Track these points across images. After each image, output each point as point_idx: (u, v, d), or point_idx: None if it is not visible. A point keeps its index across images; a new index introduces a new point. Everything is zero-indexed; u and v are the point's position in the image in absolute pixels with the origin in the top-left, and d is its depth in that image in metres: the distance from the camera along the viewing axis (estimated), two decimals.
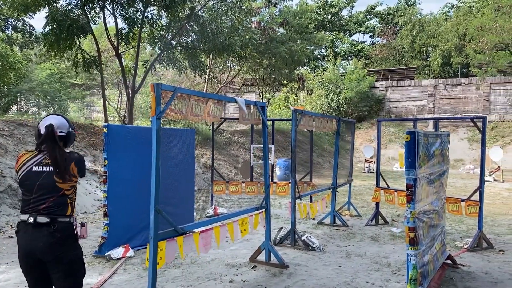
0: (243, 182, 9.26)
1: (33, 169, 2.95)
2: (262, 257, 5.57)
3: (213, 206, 8.98)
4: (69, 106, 25.46)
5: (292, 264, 5.55)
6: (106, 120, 13.25)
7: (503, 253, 6.28)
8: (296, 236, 6.37)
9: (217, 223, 4.82)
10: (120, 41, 12.93)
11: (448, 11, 37.82)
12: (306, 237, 6.39)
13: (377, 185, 8.30)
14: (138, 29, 12.74)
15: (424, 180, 4.30)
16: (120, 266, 5.47)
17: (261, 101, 22.51)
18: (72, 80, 24.40)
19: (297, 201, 6.46)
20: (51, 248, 2.85)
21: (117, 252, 5.83)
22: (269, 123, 13.60)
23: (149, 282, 3.68)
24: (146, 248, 4.84)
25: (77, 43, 12.40)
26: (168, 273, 5.23)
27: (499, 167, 17.15)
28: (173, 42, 13.21)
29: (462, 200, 6.78)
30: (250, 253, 5.83)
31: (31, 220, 2.85)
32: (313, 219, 8.55)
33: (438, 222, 5.10)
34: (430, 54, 33.26)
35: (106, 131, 5.96)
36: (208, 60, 17.62)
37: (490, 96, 24.90)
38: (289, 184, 8.22)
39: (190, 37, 13.14)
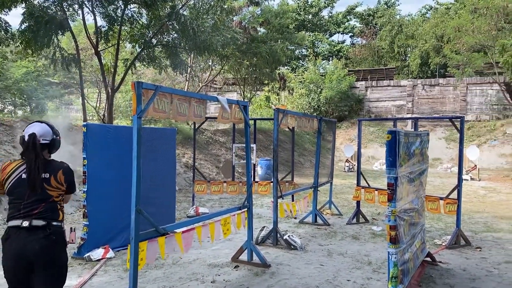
0: (225, 182, 9.23)
1: (23, 177, 2.97)
2: (244, 256, 5.56)
3: (195, 206, 8.92)
4: (46, 105, 24.91)
5: (274, 263, 5.56)
6: (85, 119, 13.02)
7: (480, 250, 6.41)
8: (278, 235, 6.38)
9: (199, 223, 4.79)
10: (99, 39, 12.72)
11: (426, 13, 38.48)
12: (288, 236, 6.41)
13: (358, 184, 8.38)
14: (118, 27, 12.56)
15: (405, 179, 4.36)
16: (100, 267, 5.38)
17: (242, 100, 22.53)
18: (50, 79, 23.87)
19: (279, 200, 6.47)
20: (46, 250, 2.90)
21: (97, 253, 5.74)
22: (251, 122, 13.61)
23: (130, 283, 3.63)
24: (126, 249, 4.79)
25: (55, 40, 12.13)
26: (149, 274, 5.17)
27: (475, 166, 17.54)
28: (154, 41, 13.06)
29: (441, 198, 6.90)
30: (232, 252, 5.81)
31: (25, 224, 2.87)
32: (295, 218, 8.58)
33: (418, 220, 5.18)
34: (409, 55, 33.79)
35: (85, 130, 5.85)
36: (189, 59, 17.50)
37: (467, 96, 25.45)
38: (271, 184, 8.25)
39: (171, 35, 13.02)
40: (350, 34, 43.28)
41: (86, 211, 5.82)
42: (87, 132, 5.83)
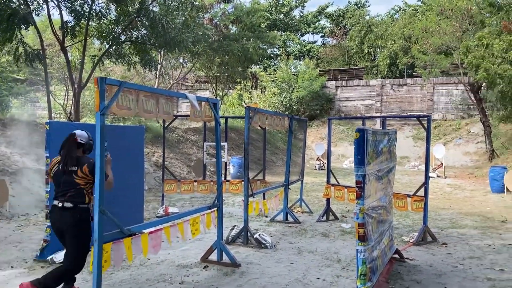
0: (195, 181, 9.12)
1: (59, 168, 4.14)
2: (214, 256, 5.49)
3: (164, 206, 8.77)
4: (11, 102, 24.04)
5: (244, 262, 5.51)
6: (50, 117, 12.60)
7: (446, 246, 6.57)
8: (249, 234, 6.34)
9: (167, 223, 4.68)
10: (65, 34, 12.32)
11: (395, 14, 39.25)
12: (259, 235, 6.38)
13: (328, 181, 8.45)
14: (85, 22, 12.21)
15: (373, 176, 4.39)
16: None
17: (213, 98, 22.33)
18: (15, 75, 23.06)
19: (250, 199, 6.44)
20: (72, 224, 4.02)
21: (61, 255, 5.51)
22: (222, 120, 13.50)
23: (94, 286, 3.51)
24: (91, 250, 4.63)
25: (19, 35, 11.68)
26: (116, 276, 5.03)
27: (441, 163, 18.03)
28: (122, 37, 12.75)
29: (408, 195, 7.03)
30: (202, 253, 5.73)
31: (60, 204, 4.04)
32: (266, 216, 8.57)
33: (386, 217, 5.25)
34: (378, 55, 34.40)
35: (48, 128, 5.64)
36: (159, 56, 17.22)
37: (433, 96, 26.14)
38: (242, 182, 8.19)
39: (140, 32, 12.74)
40: (321, 34, 43.71)
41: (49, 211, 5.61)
42: (50, 130, 5.62)
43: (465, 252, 6.25)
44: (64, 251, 5.56)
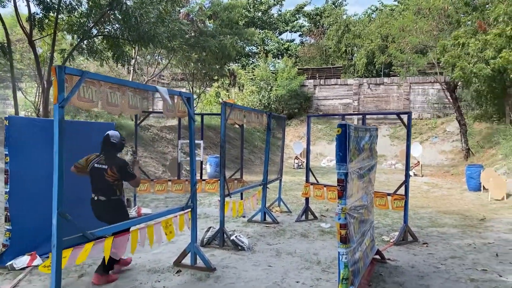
0: (170, 180, 8.76)
1: (95, 166, 4.67)
2: (187, 260, 5.19)
3: (136, 206, 8.39)
4: None
5: (220, 266, 5.22)
6: (16, 114, 11.99)
7: (427, 246, 6.43)
8: (225, 236, 6.05)
9: (136, 227, 4.35)
10: (32, 27, 11.73)
11: (372, 13, 39.54)
12: (236, 236, 6.10)
13: (307, 180, 8.23)
14: (54, 15, 11.65)
15: (355, 174, 4.17)
16: (24, 277, 4.80)
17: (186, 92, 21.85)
18: None
19: (227, 199, 6.14)
20: (107, 213, 4.60)
21: (21, 261, 5.14)
22: (198, 118, 13.15)
23: None
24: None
25: None
26: (82, 281, 4.67)
27: (418, 162, 18.13)
28: (94, 31, 12.24)
29: (389, 194, 6.87)
30: (175, 256, 5.42)
31: (96, 198, 4.63)
32: (244, 216, 8.29)
33: (368, 217, 5.05)
34: (355, 54, 34.55)
35: (7, 124, 5.22)
36: (133, 51, 16.70)
37: (410, 95, 26.36)
38: (219, 181, 7.89)
39: (113, 26, 12.25)
40: (299, 33, 43.69)
41: (8, 214, 5.19)
42: (10, 126, 5.20)
43: (447, 251, 6.12)
44: (25, 257, 5.21)
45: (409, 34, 19.75)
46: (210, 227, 6.39)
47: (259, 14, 41.52)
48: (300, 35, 43.99)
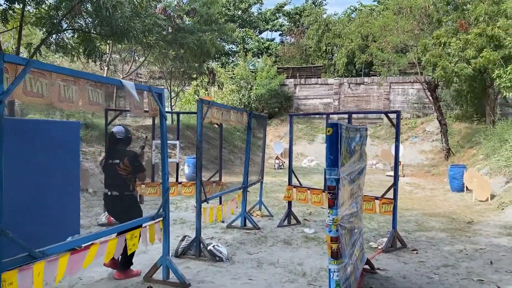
0: (143, 183, 8.17)
1: (108, 162, 4.79)
2: (159, 275, 4.67)
3: (106, 213, 7.78)
4: None
5: (195, 281, 4.72)
6: None
7: (416, 253, 6.07)
8: (202, 245, 5.55)
9: (94, 240, 3.80)
10: None
11: (351, 13, 39.51)
12: (213, 246, 5.60)
13: (289, 183, 7.79)
14: (20, 6, 10.90)
15: (346, 180, 3.74)
16: None
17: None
18: None
19: (204, 204, 5.64)
20: (121, 209, 4.72)
21: None
22: (174, 116, 12.50)
23: None
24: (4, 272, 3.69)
25: None
26: None
27: (400, 162, 17.93)
28: (64, 24, 11.52)
29: (376, 198, 6.49)
30: (147, 269, 4.89)
31: (109, 193, 4.73)
32: (223, 222, 7.79)
33: (357, 225, 4.64)
34: (336, 54, 34.41)
35: None
36: (108, 47, 15.96)
37: (390, 95, 26.29)
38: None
39: (85, 19, 11.56)
40: (279, 32, 43.39)
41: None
42: None
43: (438, 259, 5.77)
44: None
45: (390, 33, 19.59)
46: (185, 236, 5.88)
47: (239, 12, 41.01)
48: (280, 35, 43.72)
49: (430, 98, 19.65)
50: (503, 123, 16.79)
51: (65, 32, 11.73)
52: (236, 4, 40.51)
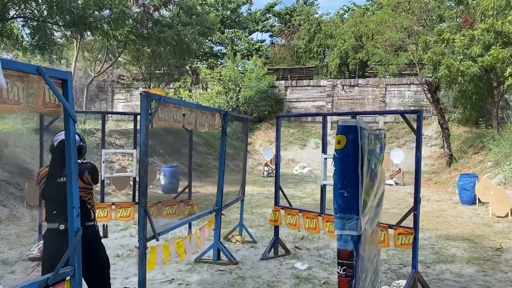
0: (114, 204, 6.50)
1: (56, 180, 3.33)
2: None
3: (41, 242, 6.10)
4: None
5: None
6: None
7: None
8: None
9: None
10: None
11: (344, 14, 38.24)
12: None
13: (276, 203, 6.18)
14: None
15: (368, 225, 2.13)
16: None
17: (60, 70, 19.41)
18: None
19: (152, 243, 3.98)
20: (82, 249, 2.99)
21: None
22: (126, 117, 10.73)
23: None
24: None
25: None
26: None
27: (400, 169, 16.48)
28: (12, 12, 9.81)
29: (390, 226, 4.91)
30: None
31: (62, 227, 3.25)
32: (192, 253, 6.13)
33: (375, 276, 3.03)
34: (328, 55, 33.05)
35: None
36: (76, 42, 14.21)
37: (385, 97, 24.89)
38: (135, 206, 5.72)
39: (38, 6, 9.86)
40: (269, 33, 42.00)
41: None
42: None
43: None
44: None
45: (388, 30, 18.17)
46: None
47: (228, 12, 39.49)
48: (270, 36, 42.32)
49: (431, 100, 18.21)
50: None
51: (12, 20, 9.99)
52: (225, 4, 39.00)
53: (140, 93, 3.74)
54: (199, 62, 28.59)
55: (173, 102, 4.38)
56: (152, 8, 13.47)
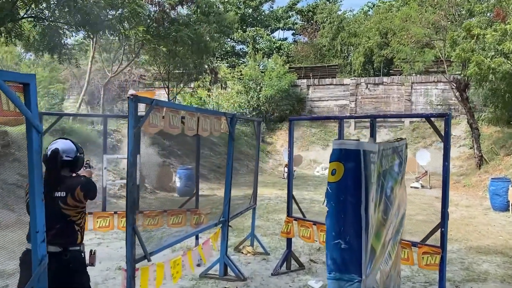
0: (90, 213, 6.17)
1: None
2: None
3: None
4: None
5: None
6: None
7: None
8: None
9: None
10: None
11: (368, 10, 37.29)
12: None
13: (289, 213, 5.70)
14: None
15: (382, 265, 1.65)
16: None
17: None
18: None
19: (143, 263, 3.57)
20: (62, 278, 2.83)
21: None
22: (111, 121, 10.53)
23: None
24: None
25: None
26: None
27: (426, 172, 15.72)
28: (21, 12, 9.61)
29: (414, 244, 4.37)
30: None
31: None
32: (198, 265, 5.73)
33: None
34: (352, 53, 32.24)
35: None
36: (91, 43, 14.04)
37: (411, 96, 23.98)
38: (116, 215, 5.33)
39: (48, 6, 9.62)
40: (292, 31, 41.42)
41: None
42: None
43: None
44: None
45: (413, 26, 17.37)
46: None
47: (250, 10, 39.08)
48: (293, 34, 41.73)
49: (460, 98, 17.31)
50: None
51: (22, 20, 9.80)
52: (247, 2, 38.61)
53: (128, 97, 3.34)
54: (219, 61, 28.23)
55: (168, 106, 3.97)
56: (168, 6, 13.15)
